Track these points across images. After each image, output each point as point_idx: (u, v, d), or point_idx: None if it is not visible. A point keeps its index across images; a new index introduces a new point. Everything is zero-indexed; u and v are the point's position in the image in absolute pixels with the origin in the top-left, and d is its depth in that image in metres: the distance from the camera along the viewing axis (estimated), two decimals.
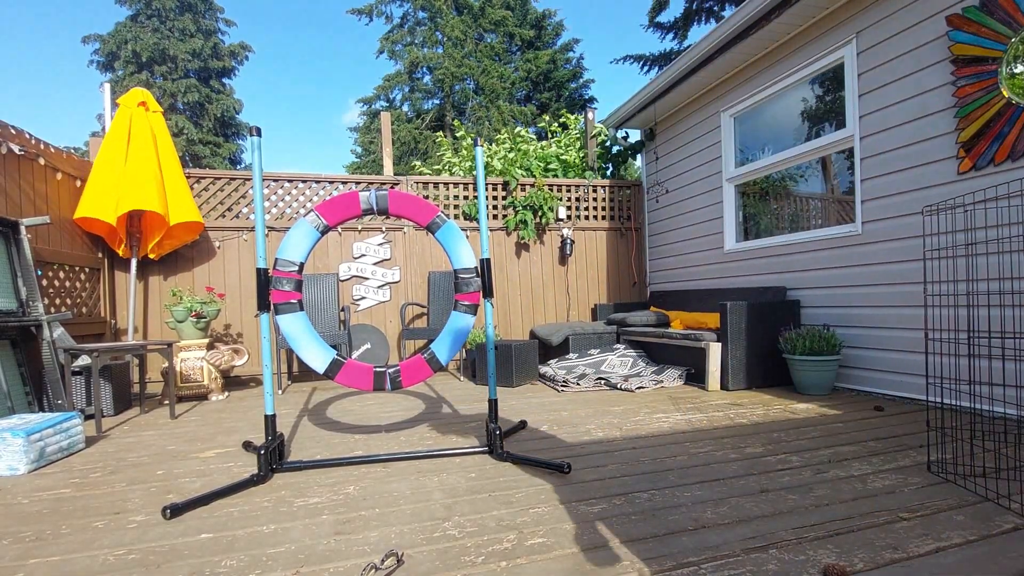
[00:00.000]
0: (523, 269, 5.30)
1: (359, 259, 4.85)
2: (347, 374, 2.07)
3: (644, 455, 2.06)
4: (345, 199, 2.11)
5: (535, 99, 18.32)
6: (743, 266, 4.26)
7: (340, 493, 1.75)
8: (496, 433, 2.08)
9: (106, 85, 4.28)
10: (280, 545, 1.37)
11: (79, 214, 3.72)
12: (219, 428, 2.81)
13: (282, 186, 4.74)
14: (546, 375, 4.08)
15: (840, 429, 2.38)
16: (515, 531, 1.41)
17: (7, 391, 2.70)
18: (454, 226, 2.20)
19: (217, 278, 4.50)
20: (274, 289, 1.99)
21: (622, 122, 5.64)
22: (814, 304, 3.58)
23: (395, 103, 18.57)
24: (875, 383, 3.17)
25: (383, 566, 1.22)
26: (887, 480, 1.71)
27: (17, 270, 2.93)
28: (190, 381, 3.71)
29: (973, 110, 2.62)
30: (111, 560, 1.32)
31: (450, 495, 1.69)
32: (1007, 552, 1.22)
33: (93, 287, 3.99)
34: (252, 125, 1.97)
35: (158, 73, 16.96)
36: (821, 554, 1.23)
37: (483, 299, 2.23)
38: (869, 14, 3.18)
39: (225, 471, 2.04)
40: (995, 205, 2.43)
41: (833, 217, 3.88)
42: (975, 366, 2.46)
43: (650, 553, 1.26)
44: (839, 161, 3.70)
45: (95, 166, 3.81)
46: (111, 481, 1.96)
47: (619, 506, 1.56)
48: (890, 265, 3.07)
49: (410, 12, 18.02)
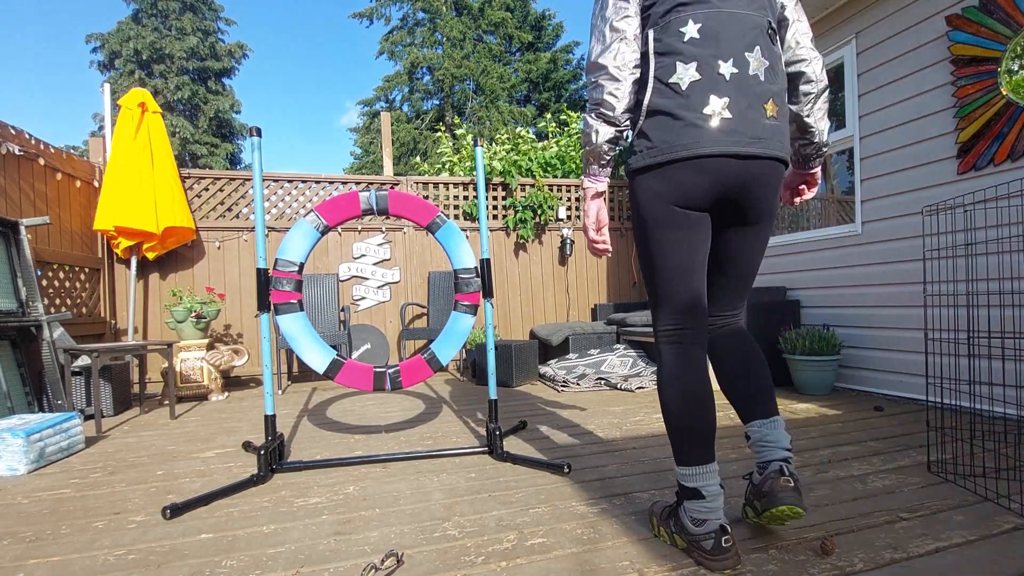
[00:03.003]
0: (523, 269, 5.30)
1: (359, 259, 4.85)
2: (347, 374, 2.07)
3: (644, 455, 2.06)
4: (345, 199, 2.11)
5: (535, 100, 18.33)
6: None
7: (340, 493, 1.75)
8: (496, 433, 2.08)
9: (106, 85, 4.28)
10: (280, 545, 1.37)
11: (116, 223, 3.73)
12: (219, 428, 2.81)
13: (282, 186, 4.74)
14: (546, 375, 4.08)
15: (840, 429, 2.38)
16: (515, 531, 1.41)
17: (7, 391, 2.70)
18: (454, 226, 2.20)
19: (217, 278, 4.50)
20: (274, 289, 1.99)
21: None
22: (814, 304, 3.58)
23: (395, 104, 18.58)
24: (875, 383, 3.18)
25: (383, 566, 1.22)
26: (887, 480, 1.71)
27: (17, 270, 2.93)
28: (190, 381, 3.71)
29: (973, 110, 2.62)
30: (111, 560, 1.32)
31: (450, 495, 1.69)
32: (1007, 552, 1.22)
33: (93, 287, 3.99)
34: (252, 126, 1.97)
35: (157, 72, 16.97)
36: (821, 554, 1.23)
37: (483, 299, 2.23)
38: (869, 14, 3.18)
39: (225, 471, 2.04)
40: (995, 205, 2.43)
41: (833, 217, 3.88)
42: (975, 366, 2.46)
43: (650, 553, 1.26)
44: (839, 161, 3.70)
45: (109, 171, 3.82)
46: (111, 481, 1.96)
47: (619, 506, 1.56)
48: (890, 265, 3.07)
49: (410, 13, 18.03)
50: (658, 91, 1.17)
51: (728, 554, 1.15)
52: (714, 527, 1.17)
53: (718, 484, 1.20)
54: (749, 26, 1.16)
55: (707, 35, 1.14)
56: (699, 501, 1.19)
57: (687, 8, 1.16)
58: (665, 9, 1.17)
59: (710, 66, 1.14)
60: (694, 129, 1.13)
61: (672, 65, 1.16)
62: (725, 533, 1.16)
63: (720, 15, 1.15)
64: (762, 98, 1.16)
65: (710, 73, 1.14)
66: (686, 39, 1.15)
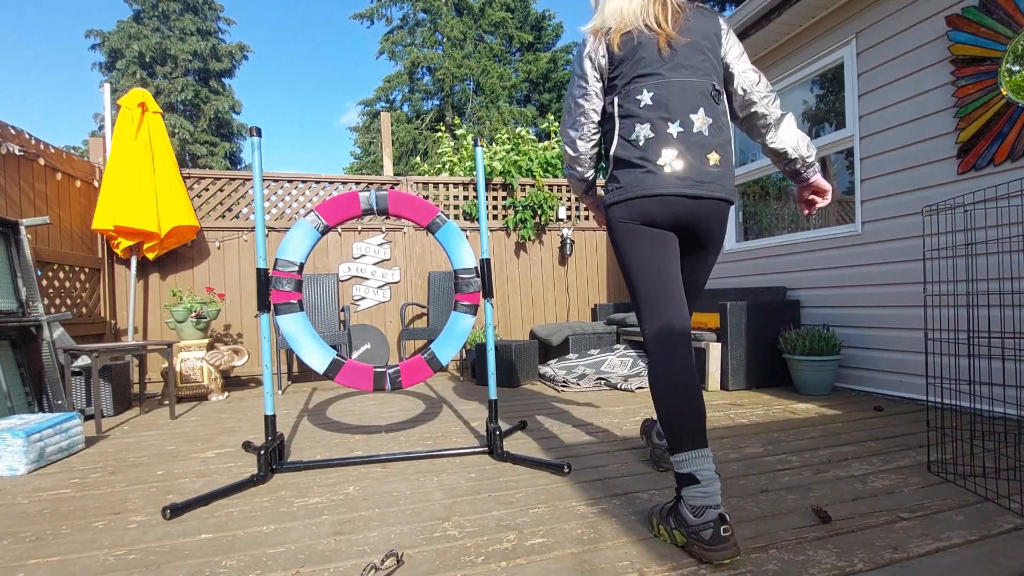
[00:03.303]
0: (523, 269, 5.30)
1: (359, 259, 4.86)
2: (347, 374, 2.07)
3: (644, 455, 2.06)
4: (345, 199, 2.11)
5: (535, 100, 18.34)
6: (743, 266, 4.27)
7: (340, 493, 1.75)
8: (496, 433, 2.08)
9: (106, 85, 4.28)
10: (280, 545, 1.37)
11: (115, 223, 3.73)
12: (219, 428, 2.81)
13: (282, 186, 4.74)
14: (546, 375, 4.08)
15: (840, 429, 2.38)
16: (515, 531, 1.41)
17: (7, 391, 2.70)
18: (454, 226, 2.20)
19: (217, 278, 4.50)
20: (274, 289, 1.99)
21: None
22: (814, 304, 3.58)
23: (395, 104, 18.58)
24: (875, 383, 3.18)
25: (383, 566, 1.22)
26: (887, 480, 1.71)
27: (17, 270, 2.93)
28: (190, 381, 3.72)
29: (973, 110, 2.62)
30: (111, 560, 1.32)
31: (450, 495, 1.69)
32: (1007, 552, 1.22)
33: (93, 287, 3.99)
34: (252, 126, 1.97)
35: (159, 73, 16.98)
36: (821, 554, 1.23)
37: (483, 299, 2.23)
38: (869, 14, 3.18)
39: (225, 471, 2.04)
40: (995, 205, 2.43)
41: (833, 217, 3.88)
42: (975, 366, 2.46)
43: (650, 553, 1.26)
44: (839, 161, 3.70)
45: (108, 171, 3.81)
46: (111, 481, 1.96)
47: (619, 506, 1.56)
48: (890, 265, 3.07)
49: (410, 13, 18.03)
50: (622, 145, 1.45)
51: (727, 543, 1.18)
52: (713, 516, 1.21)
53: (712, 470, 1.28)
54: (693, 92, 1.42)
55: (658, 102, 1.41)
56: (695, 486, 1.26)
57: (642, 80, 1.43)
58: (626, 81, 1.45)
59: (661, 126, 1.40)
60: (652, 175, 1.39)
61: (632, 125, 1.43)
62: (724, 522, 1.20)
63: (669, 84, 1.41)
64: (705, 149, 1.40)
65: (661, 131, 1.40)
66: (641, 105, 1.42)
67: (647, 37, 1.44)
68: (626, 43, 1.45)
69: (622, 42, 1.46)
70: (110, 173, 3.80)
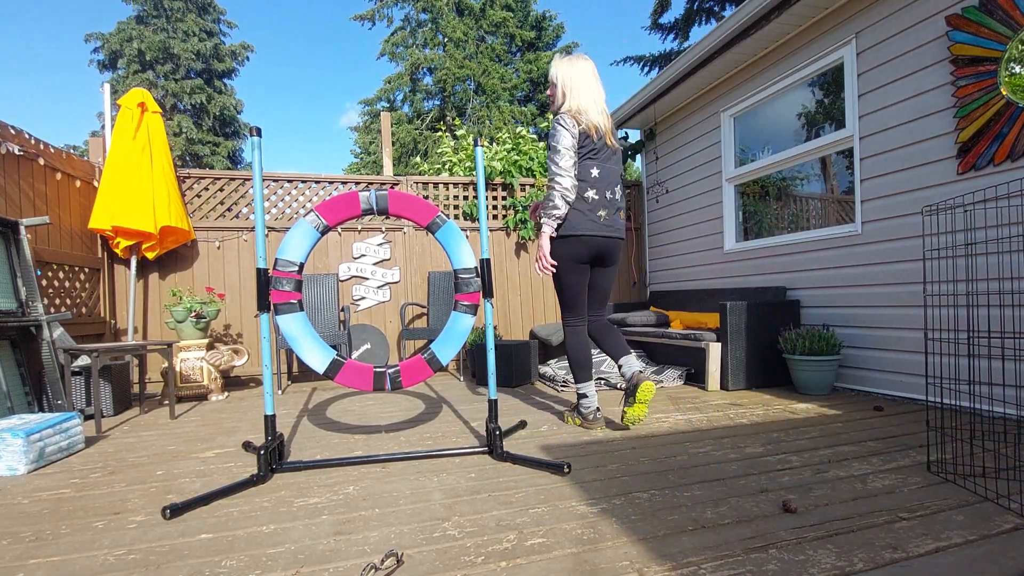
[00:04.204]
0: (523, 269, 5.30)
1: (359, 259, 4.86)
2: (347, 374, 2.07)
3: (644, 455, 2.06)
4: (345, 199, 2.11)
5: (535, 100, 18.33)
6: (743, 266, 4.27)
7: (340, 493, 1.75)
8: (496, 433, 2.07)
9: (106, 84, 4.28)
10: (280, 545, 1.37)
11: (113, 222, 3.73)
12: (219, 428, 2.81)
13: (282, 186, 4.74)
14: (546, 375, 4.08)
15: (840, 429, 2.38)
16: (515, 531, 1.41)
17: (7, 391, 2.70)
18: (454, 226, 2.20)
19: (217, 278, 4.50)
20: (274, 289, 1.99)
21: (622, 122, 5.65)
22: (814, 304, 3.58)
23: (396, 104, 18.58)
24: (875, 383, 3.18)
25: (383, 566, 1.22)
26: (887, 480, 1.71)
27: (17, 270, 2.93)
28: (190, 381, 3.72)
29: (973, 110, 2.62)
30: (111, 560, 1.32)
31: (450, 495, 1.69)
32: (1007, 552, 1.22)
33: (93, 287, 3.99)
34: (252, 125, 1.97)
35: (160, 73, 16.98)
36: (821, 554, 1.23)
37: (483, 299, 2.23)
38: (869, 14, 3.18)
39: (225, 471, 2.04)
40: (995, 205, 2.43)
41: (833, 217, 3.88)
42: (975, 366, 2.46)
43: (650, 553, 1.26)
44: (839, 161, 3.70)
45: (106, 171, 3.81)
46: (111, 481, 1.96)
47: (619, 506, 1.56)
48: (890, 265, 3.07)
49: (411, 14, 18.02)
50: (577, 199, 2.36)
51: (600, 420, 2.50)
52: (593, 407, 2.51)
53: (594, 390, 2.53)
54: (615, 174, 2.45)
55: (601, 176, 2.38)
56: (586, 399, 2.51)
57: (593, 160, 2.37)
58: (583, 156, 2.35)
59: (601, 192, 2.38)
60: (591, 223, 2.37)
61: (585, 187, 2.36)
62: (598, 411, 2.52)
63: (606, 167, 2.40)
64: (618, 209, 2.47)
65: (600, 196, 2.38)
66: (592, 176, 2.37)
67: (598, 134, 2.35)
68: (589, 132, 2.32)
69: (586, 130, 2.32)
70: (108, 173, 3.80)
